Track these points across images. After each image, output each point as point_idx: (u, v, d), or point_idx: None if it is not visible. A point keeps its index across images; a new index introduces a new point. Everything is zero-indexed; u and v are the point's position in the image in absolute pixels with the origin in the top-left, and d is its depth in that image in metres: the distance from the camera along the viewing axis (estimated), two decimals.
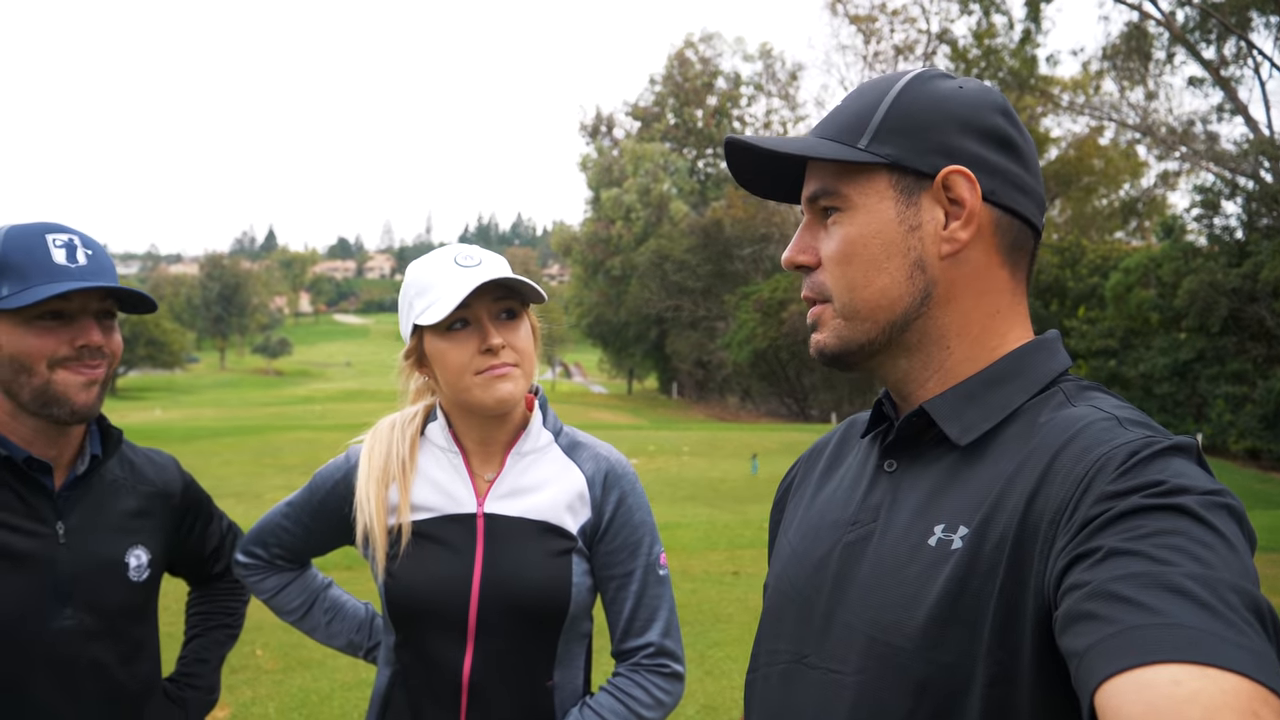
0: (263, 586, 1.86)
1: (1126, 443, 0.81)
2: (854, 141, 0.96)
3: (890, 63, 38.96)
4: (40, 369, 1.48)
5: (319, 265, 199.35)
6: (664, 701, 1.66)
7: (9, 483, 1.51)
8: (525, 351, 1.61)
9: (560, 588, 1.60)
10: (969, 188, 0.94)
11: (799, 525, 1.12)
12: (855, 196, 0.97)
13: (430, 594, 1.60)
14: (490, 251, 1.64)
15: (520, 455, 1.68)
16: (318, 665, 5.65)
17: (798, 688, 1.00)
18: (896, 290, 0.96)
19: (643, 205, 54.01)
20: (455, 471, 1.67)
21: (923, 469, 0.97)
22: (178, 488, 1.81)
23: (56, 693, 1.51)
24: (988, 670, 0.83)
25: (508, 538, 1.62)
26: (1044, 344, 0.99)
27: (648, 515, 1.72)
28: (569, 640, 1.65)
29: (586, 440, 1.75)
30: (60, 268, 1.48)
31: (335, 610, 1.92)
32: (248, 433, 20.89)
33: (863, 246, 0.96)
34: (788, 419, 41.15)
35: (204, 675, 1.92)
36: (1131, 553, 0.71)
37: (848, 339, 0.99)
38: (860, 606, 0.94)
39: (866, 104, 0.98)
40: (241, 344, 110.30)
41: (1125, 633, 0.66)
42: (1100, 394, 0.94)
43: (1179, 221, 22.55)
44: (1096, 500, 0.78)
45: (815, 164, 1.00)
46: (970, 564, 0.86)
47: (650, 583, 1.68)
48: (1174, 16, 23.58)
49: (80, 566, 1.55)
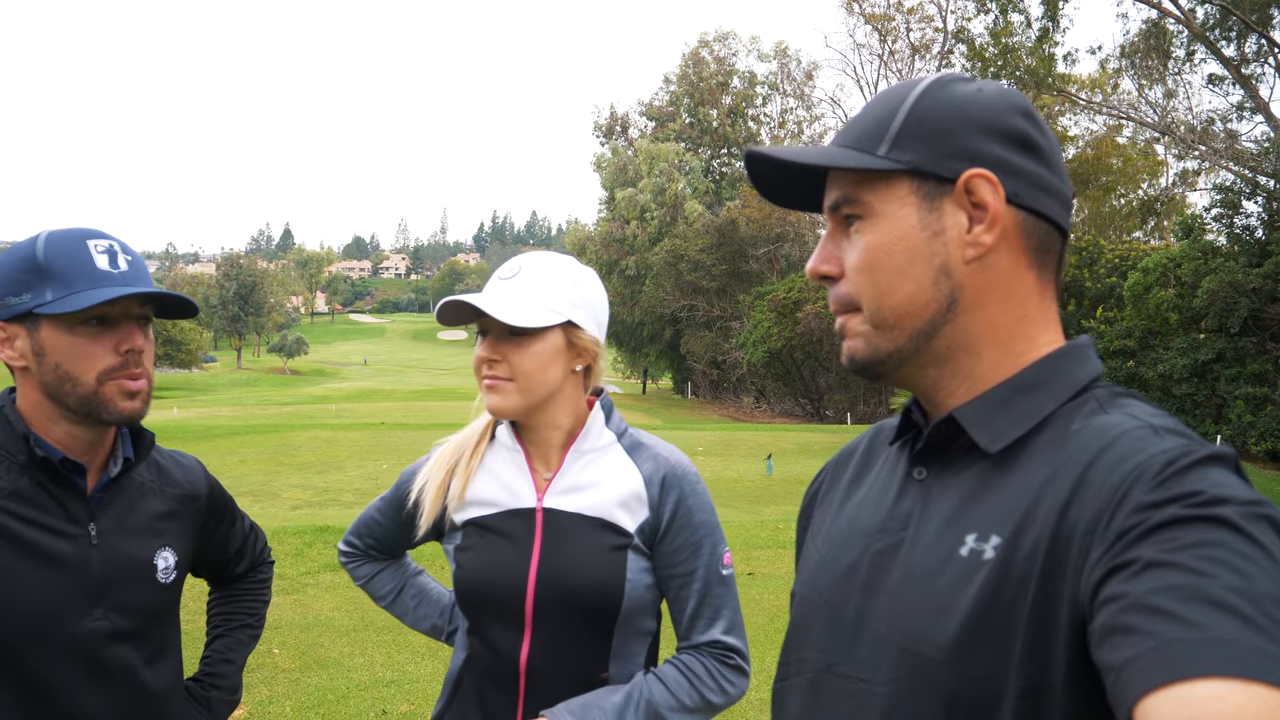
0: (359, 573, 2.02)
1: (1163, 452, 0.80)
2: (873, 149, 0.96)
3: (906, 61, 38.83)
4: (88, 380, 1.49)
5: (335, 265, 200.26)
6: (727, 690, 1.69)
7: (44, 484, 1.52)
8: (523, 370, 1.65)
9: (614, 582, 1.66)
10: (991, 191, 0.93)
11: (827, 533, 1.11)
12: (876, 204, 0.96)
13: (490, 583, 1.69)
14: (547, 262, 1.69)
15: (579, 454, 1.75)
16: (334, 665, 5.67)
17: (827, 697, 0.99)
18: (922, 297, 0.95)
19: (657, 205, 54.01)
20: (518, 468, 1.76)
21: (953, 477, 0.96)
22: (204, 490, 1.82)
23: (87, 693, 1.53)
24: (1019, 682, 0.81)
25: (564, 532, 1.69)
26: (1075, 349, 0.98)
27: (710, 516, 1.74)
28: (626, 635, 1.70)
29: (650, 441, 1.79)
30: (104, 273, 1.49)
31: (421, 596, 2.05)
32: (264, 431, 20.97)
33: (886, 254, 0.95)
34: (803, 419, 41.05)
35: (228, 676, 1.93)
36: (1170, 564, 0.70)
37: (876, 347, 0.98)
38: (890, 616, 0.93)
39: (885, 111, 0.97)
40: (258, 343, 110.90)
41: (1165, 647, 0.65)
42: (1134, 401, 0.92)
43: (1198, 221, 22.32)
44: (1133, 511, 0.76)
45: (836, 173, 1.00)
46: (1003, 574, 0.84)
47: (713, 583, 1.71)
48: (1193, 14, 23.37)
49: (111, 568, 1.56)
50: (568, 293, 1.68)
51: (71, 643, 1.51)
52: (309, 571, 7.84)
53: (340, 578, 7.65)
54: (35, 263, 1.48)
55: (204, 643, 1.98)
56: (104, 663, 1.54)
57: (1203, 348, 20.65)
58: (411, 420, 25.46)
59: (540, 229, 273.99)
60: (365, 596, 7.00)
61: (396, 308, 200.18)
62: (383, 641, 6.12)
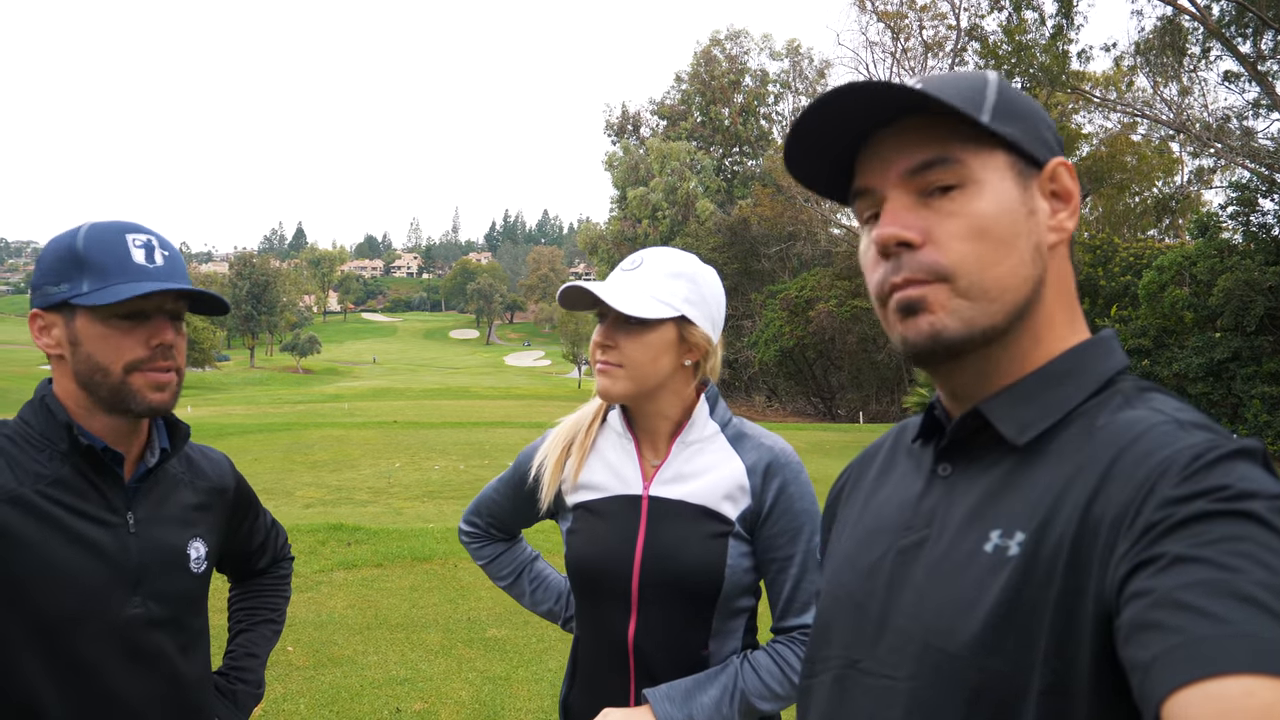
0: (481, 554, 2.12)
1: (1190, 446, 0.79)
2: (976, 113, 0.91)
3: (919, 59, 38.67)
4: (116, 371, 1.51)
5: (347, 264, 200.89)
6: None
7: (85, 473, 1.54)
8: (634, 359, 1.72)
9: (714, 567, 1.73)
10: (1073, 181, 0.95)
11: (852, 531, 1.10)
12: (979, 170, 0.92)
13: (599, 564, 1.78)
14: (664, 258, 1.76)
15: (685, 444, 1.81)
16: (348, 662, 5.68)
17: (851, 694, 0.99)
18: (1024, 271, 0.93)
19: (669, 204, 53.97)
20: (627, 456, 1.84)
21: (978, 473, 0.95)
22: (231, 484, 1.85)
23: (127, 679, 1.55)
24: (1043, 678, 0.80)
25: (668, 519, 1.77)
26: (1101, 342, 0.97)
27: (810, 504, 1.80)
28: (725, 616, 1.77)
29: (753, 431, 1.85)
30: (140, 267, 1.51)
31: (540, 581, 2.14)
32: (277, 430, 21.04)
33: (994, 222, 0.92)
34: (815, 418, 40.97)
35: (253, 670, 1.96)
36: (1197, 559, 0.69)
37: (971, 320, 0.92)
38: (914, 613, 0.93)
39: (971, 86, 0.94)
40: (271, 342, 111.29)
41: (1194, 643, 0.64)
42: (1160, 395, 0.91)
43: (1214, 219, 22.17)
44: (1159, 505, 0.75)
45: (915, 136, 0.94)
46: (1027, 571, 0.84)
47: (810, 567, 1.77)
48: (1209, 10, 23.21)
49: (148, 556, 1.59)
50: (684, 289, 1.74)
51: (112, 629, 1.53)
52: (323, 569, 7.86)
53: (354, 575, 7.68)
54: (75, 254, 1.51)
55: (225, 639, 1.99)
56: (142, 649, 1.57)
57: (1218, 346, 20.51)
58: (424, 419, 25.53)
59: (552, 228, 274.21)
60: (378, 594, 7.04)
61: (409, 306, 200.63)
62: (396, 639, 6.13)
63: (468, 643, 6.06)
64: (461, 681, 5.40)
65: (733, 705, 1.69)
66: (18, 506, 1.46)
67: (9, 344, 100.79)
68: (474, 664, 5.68)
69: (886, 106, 0.94)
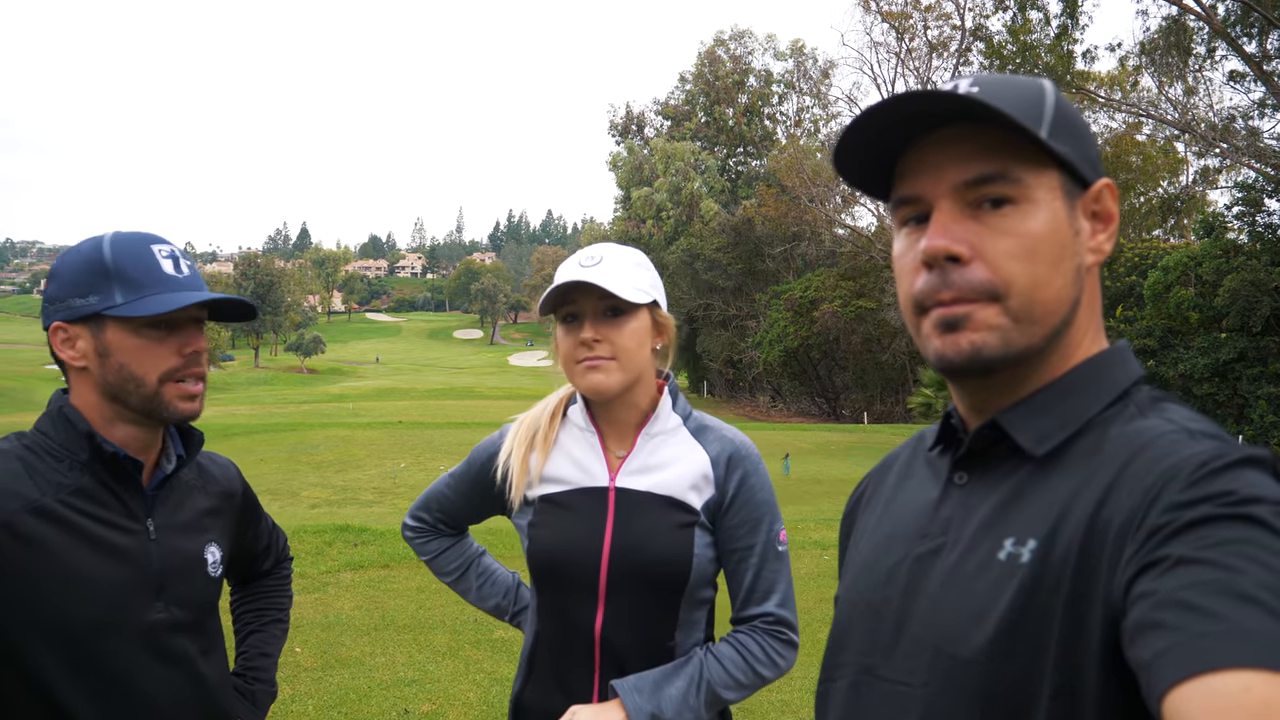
0: (426, 548, 2.09)
1: (1196, 454, 0.80)
2: (1037, 129, 0.89)
3: (924, 59, 38.65)
4: (151, 381, 1.53)
5: (351, 264, 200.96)
6: (778, 663, 1.79)
7: (105, 481, 1.56)
8: (624, 348, 1.74)
9: (682, 557, 1.75)
10: (1115, 203, 0.96)
11: (869, 538, 1.12)
12: (1035, 188, 0.91)
13: (565, 557, 1.77)
14: (619, 252, 1.79)
15: (650, 436, 1.84)
16: (356, 664, 5.70)
17: (867, 700, 1.00)
18: (1067, 293, 0.93)
19: (673, 204, 54.01)
20: (591, 449, 1.85)
21: (994, 482, 0.97)
22: (239, 488, 1.88)
23: (155, 684, 1.58)
24: (1053, 682, 0.82)
25: (636, 510, 1.78)
26: (1116, 353, 0.99)
27: (769, 495, 1.84)
28: (690, 606, 1.79)
29: (713, 424, 1.89)
30: (170, 278, 1.54)
31: (487, 576, 2.12)
32: (282, 430, 21.07)
33: (1046, 243, 0.91)
34: (819, 418, 40.95)
35: (267, 669, 1.98)
36: (1200, 561, 0.70)
37: (1012, 342, 0.91)
38: (929, 620, 0.94)
39: (1029, 96, 0.92)
40: (275, 342, 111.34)
41: (1194, 640, 0.66)
42: (1173, 405, 0.93)
43: (1219, 219, 22.13)
44: (1165, 510, 0.76)
45: (971, 146, 0.92)
46: (1038, 577, 0.85)
47: (770, 557, 1.81)
48: (1214, 10, 23.17)
49: (169, 562, 1.62)
50: (647, 275, 1.80)
51: (137, 634, 1.55)
52: (329, 570, 7.87)
53: (361, 576, 7.69)
54: (103, 265, 1.52)
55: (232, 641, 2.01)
56: (168, 653, 1.60)
57: (1224, 347, 20.48)
58: (428, 419, 25.55)
59: (556, 228, 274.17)
60: (385, 595, 7.02)
61: (413, 306, 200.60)
62: (404, 641, 6.15)
63: (475, 644, 6.07)
64: (469, 683, 5.41)
65: (699, 696, 1.72)
66: (41, 516, 1.48)
67: (14, 344, 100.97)
68: (481, 665, 5.69)
69: (946, 114, 0.92)
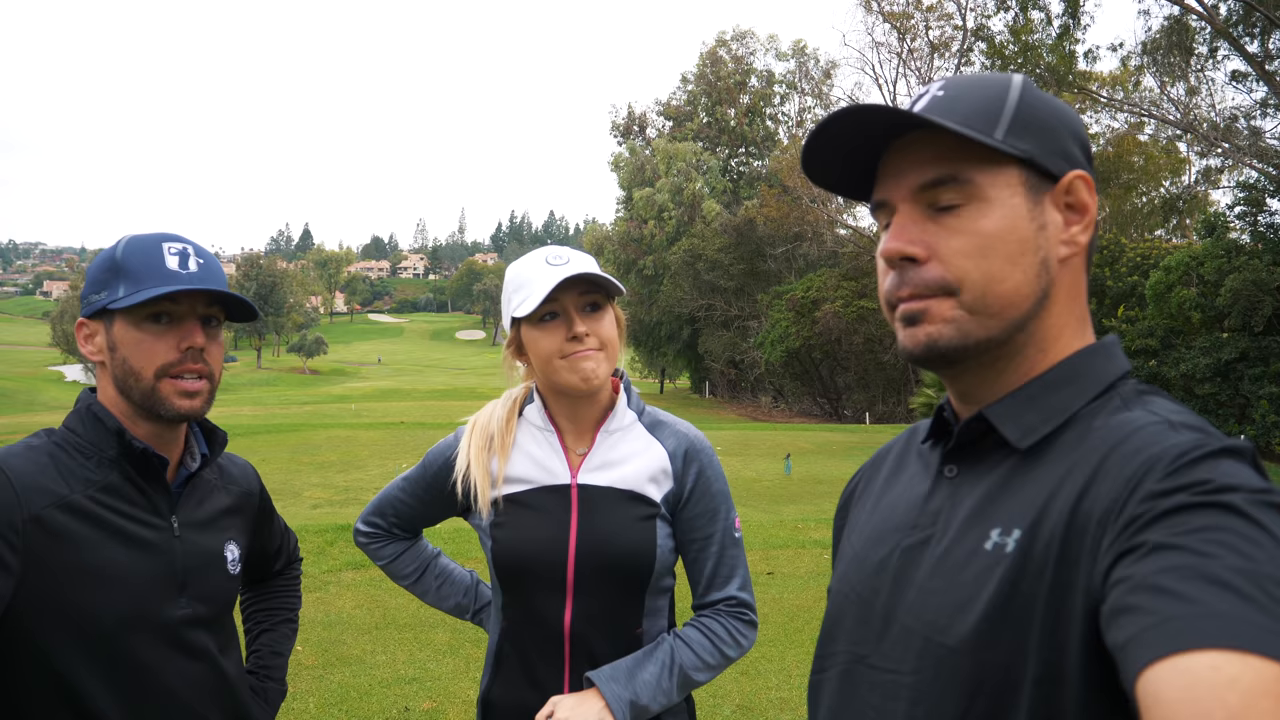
0: (381, 553, 2.10)
1: (1176, 444, 0.82)
2: (989, 131, 0.94)
3: (925, 60, 38.63)
4: (147, 375, 1.56)
5: (354, 265, 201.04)
6: (742, 644, 1.88)
7: (132, 478, 1.59)
8: (609, 339, 1.81)
9: (647, 549, 1.81)
10: (1089, 193, 0.97)
11: (861, 530, 1.14)
12: (988, 187, 0.95)
13: (532, 555, 1.81)
14: (578, 251, 1.84)
15: (609, 433, 1.89)
16: (357, 662, 5.71)
17: (858, 688, 1.02)
18: (1027, 288, 0.96)
19: (675, 204, 53.97)
20: (551, 448, 1.88)
21: (982, 474, 0.99)
22: (257, 488, 1.91)
23: (176, 678, 1.60)
24: (1035, 669, 0.83)
25: (599, 505, 1.83)
26: (1102, 348, 1.00)
27: (724, 485, 1.92)
28: (654, 594, 1.86)
29: (667, 419, 1.95)
30: (171, 273, 1.57)
31: (445, 576, 2.15)
32: (285, 431, 21.08)
33: (1000, 240, 0.94)
34: (821, 419, 40.93)
35: (280, 668, 2.01)
36: (1174, 547, 0.72)
37: (969, 333, 0.96)
38: (917, 609, 0.96)
39: (990, 96, 0.96)
40: (278, 343, 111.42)
41: (1165, 622, 0.67)
42: (1157, 398, 0.94)
43: (1221, 219, 22.09)
44: (1143, 499, 0.78)
45: (927, 152, 0.97)
46: (1022, 566, 0.87)
47: (728, 544, 1.89)
48: (1216, 10, 23.13)
49: (192, 558, 1.64)
50: (606, 271, 1.84)
51: (162, 629, 1.58)
52: (331, 569, 7.89)
53: (362, 575, 7.70)
54: (114, 262, 1.58)
55: None
56: (190, 648, 1.62)
57: (1226, 347, 20.44)
58: (430, 420, 25.55)
59: (558, 229, 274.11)
60: (387, 594, 7.02)
61: (415, 307, 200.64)
62: (404, 639, 6.16)
63: (476, 642, 6.08)
64: (470, 681, 5.42)
65: (672, 679, 1.78)
66: (71, 511, 1.50)
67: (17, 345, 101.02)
68: (482, 663, 5.69)
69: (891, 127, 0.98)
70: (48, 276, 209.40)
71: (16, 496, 1.46)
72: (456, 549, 8.33)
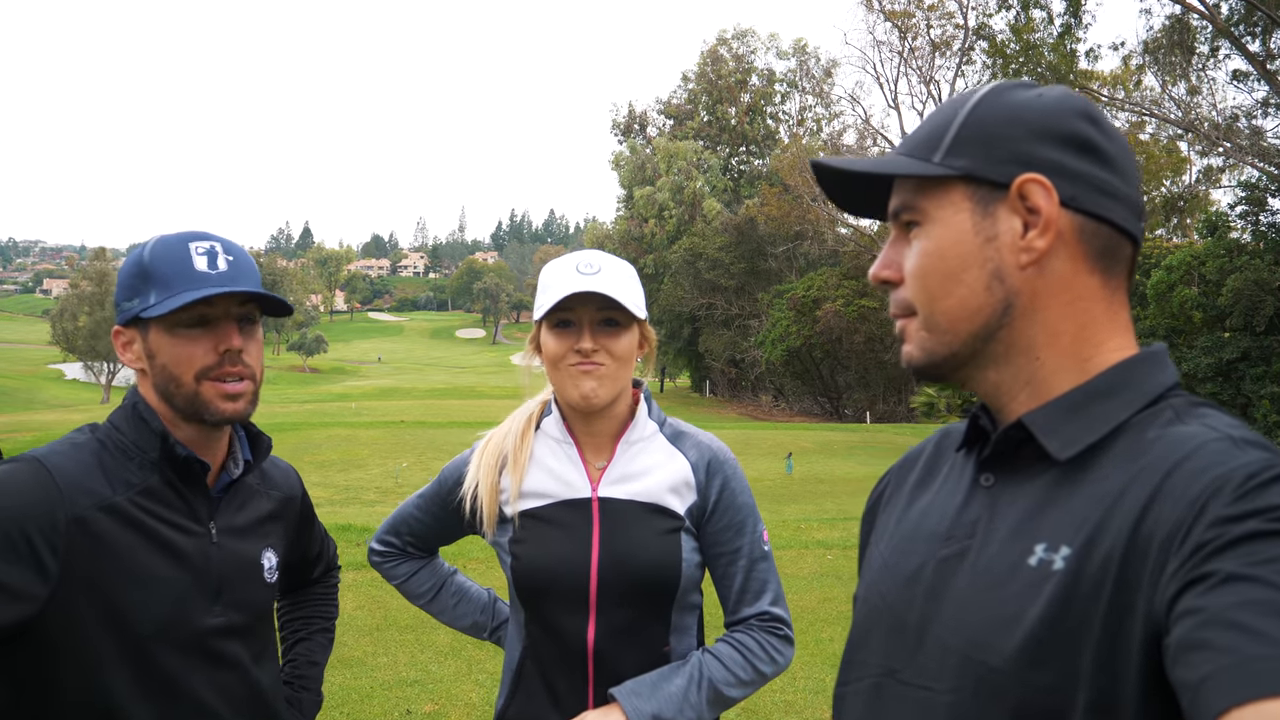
0: (396, 573, 2.05)
1: (1244, 465, 0.78)
2: (929, 156, 0.97)
3: (926, 59, 38.62)
4: (188, 380, 1.52)
5: (354, 263, 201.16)
6: (778, 660, 1.80)
7: (172, 482, 1.56)
8: (619, 358, 1.75)
9: (671, 563, 1.76)
10: (1044, 195, 0.92)
11: (891, 537, 1.09)
12: (932, 210, 0.97)
13: (554, 572, 1.76)
14: (616, 262, 1.79)
15: (629, 444, 1.84)
16: (358, 664, 5.69)
17: (889, 704, 0.98)
18: (975, 301, 0.95)
19: (676, 203, 54.04)
20: (570, 461, 1.83)
21: (1021, 485, 0.95)
22: (299, 493, 1.87)
23: (210, 688, 1.57)
24: (1088, 695, 0.79)
25: (621, 519, 1.78)
26: (1150, 357, 0.96)
27: (749, 497, 1.86)
28: (681, 610, 1.81)
29: (689, 430, 1.90)
30: (201, 275, 1.53)
31: (461, 594, 2.10)
32: (285, 429, 21.07)
33: (940, 259, 0.96)
34: (822, 418, 40.95)
35: (315, 678, 1.97)
36: (1250, 579, 0.68)
37: (931, 351, 0.99)
38: (956, 625, 0.92)
39: (944, 119, 0.99)
40: (278, 341, 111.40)
41: (1245, 663, 0.63)
42: (1212, 412, 0.90)
43: (1223, 218, 22.10)
44: (1212, 524, 0.74)
45: (898, 181, 1.02)
46: (1073, 585, 0.83)
47: (757, 557, 1.83)
48: (1218, 9, 23.13)
49: (228, 566, 1.61)
50: (639, 288, 1.80)
51: (196, 637, 1.55)
52: None
53: (363, 576, 7.68)
54: (143, 268, 1.55)
55: None
56: (221, 658, 1.59)
57: (1227, 346, 20.45)
58: (431, 418, 25.56)
59: (558, 227, 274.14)
60: (388, 596, 7.00)
61: (415, 306, 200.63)
62: (406, 641, 6.14)
63: (477, 644, 6.06)
64: (471, 683, 5.40)
65: (700, 694, 1.71)
66: (113, 514, 1.48)
67: (16, 343, 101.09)
68: (484, 665, 5.68)
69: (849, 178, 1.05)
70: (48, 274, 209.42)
71: (61, 496, 1.43)
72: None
